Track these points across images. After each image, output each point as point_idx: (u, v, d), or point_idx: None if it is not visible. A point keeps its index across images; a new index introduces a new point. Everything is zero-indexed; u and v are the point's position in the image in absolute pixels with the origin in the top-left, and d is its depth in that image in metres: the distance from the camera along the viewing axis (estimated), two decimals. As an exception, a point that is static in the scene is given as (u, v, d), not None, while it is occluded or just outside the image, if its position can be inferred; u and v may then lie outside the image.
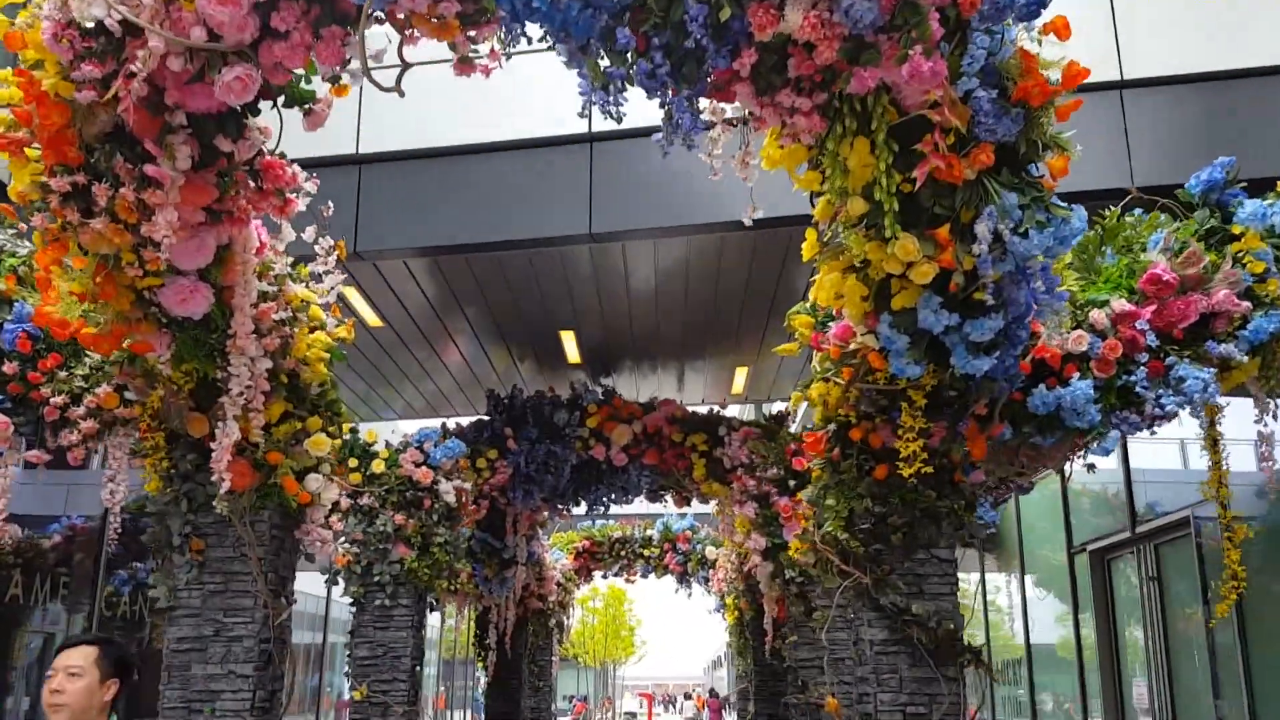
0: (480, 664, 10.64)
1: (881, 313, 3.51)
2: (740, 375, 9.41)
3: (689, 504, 9.45)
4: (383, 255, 6.41)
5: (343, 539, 6.22)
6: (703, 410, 8.43)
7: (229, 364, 3.69)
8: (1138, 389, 4.19)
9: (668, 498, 9.36)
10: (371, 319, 7.66)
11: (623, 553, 14.49)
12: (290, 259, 4.04)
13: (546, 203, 6.18)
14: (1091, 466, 4.90)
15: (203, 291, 3.63)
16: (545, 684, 13.12)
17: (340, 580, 6.69)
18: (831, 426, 4.28)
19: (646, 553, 14.45)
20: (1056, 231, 3.37)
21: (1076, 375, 4.13)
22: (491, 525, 9.62)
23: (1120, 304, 4.23)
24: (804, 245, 3.66)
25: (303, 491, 4.15)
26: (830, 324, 4.12)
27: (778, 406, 9.93)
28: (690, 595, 15.36)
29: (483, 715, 10.81)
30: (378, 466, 6.77)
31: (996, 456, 4.42)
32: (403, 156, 6.43)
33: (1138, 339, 4.21)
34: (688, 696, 43.55)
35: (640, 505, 19.09)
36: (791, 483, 6.82)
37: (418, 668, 6.70)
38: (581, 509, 9.43)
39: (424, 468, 6.83)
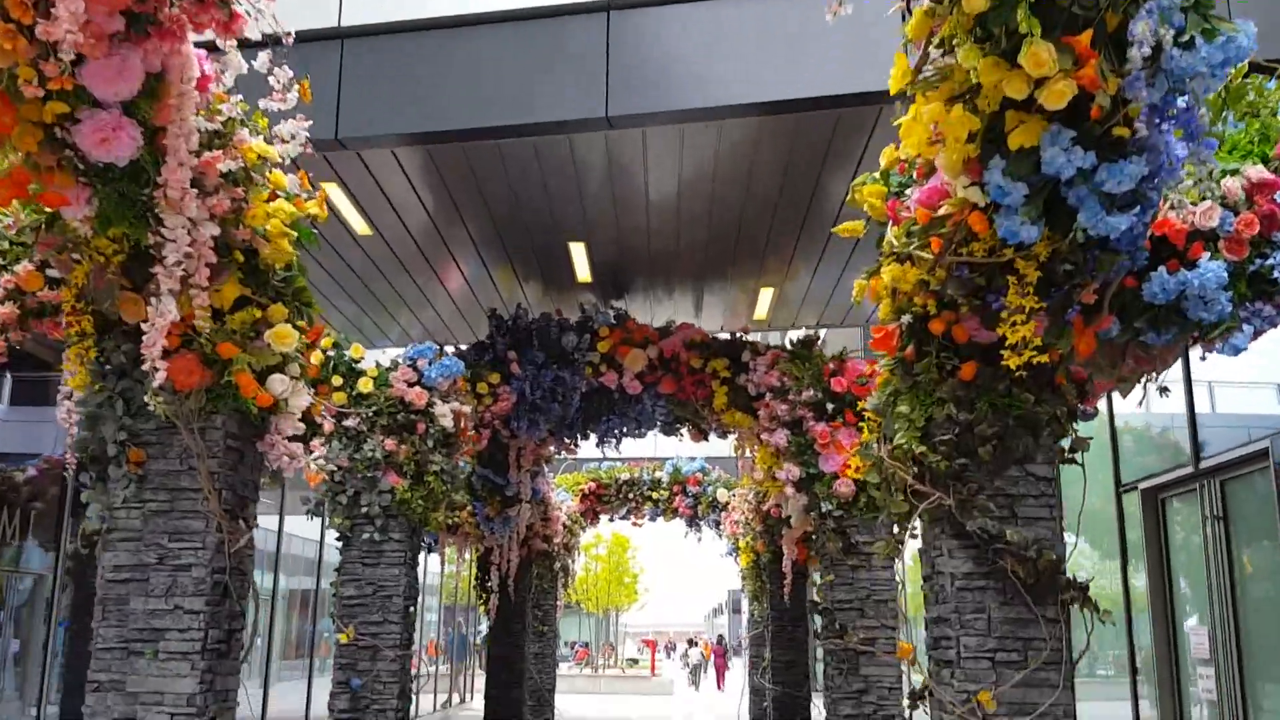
0: (482, 608, 10.04)
1: (991, 157, 2.75)
2: (765, 298, 8.64)
3: (706, 438, 8.74)
4: (369, 143, 5.61)
5: (316, 456, 5.53)
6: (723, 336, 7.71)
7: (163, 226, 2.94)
8: (1275, 274, 3.43)
9: (684, 431, 8.65)
10: (361, 227, 6.87)
11: (630, 495, 13.87)
12: (241, 101, 3.25)
13: (556, 82, 5.36)
14: (1165, 390, 4.15)
15: (127, 130, 2.86)
16: (549, 629, 12.56)
17: (323, 512, 6.01)
18: (905, 319, 3.53)
19: (655, 495, 13.84)
20: (1225, 46, 2.60)
21: (1206, 256, 3.37)
22: (493, 460, 8.94)
23: (1257, 171, 3.45)
24: (891, 75, 2.88)
25: (263, 393, 3.41)
26: (909, 190, 3.35)
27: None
28: (700, 539, 14.78)
29: (484, 659, 10.26)
30: (365, 385, 6.05)
31: (1096, 359, 3.68)
32: (392, 30, 5.61)
33: (1278, 214, 3.45)
34: (692, 644, 43.40)
35: (649, 445, 18.45)
36: (829, 406, 6.10)
37: (411, 608, 6.05)
38: (591, 443, 8.74)
39: (417, 388, 6.11)
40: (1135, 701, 7.07)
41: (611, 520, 14.64)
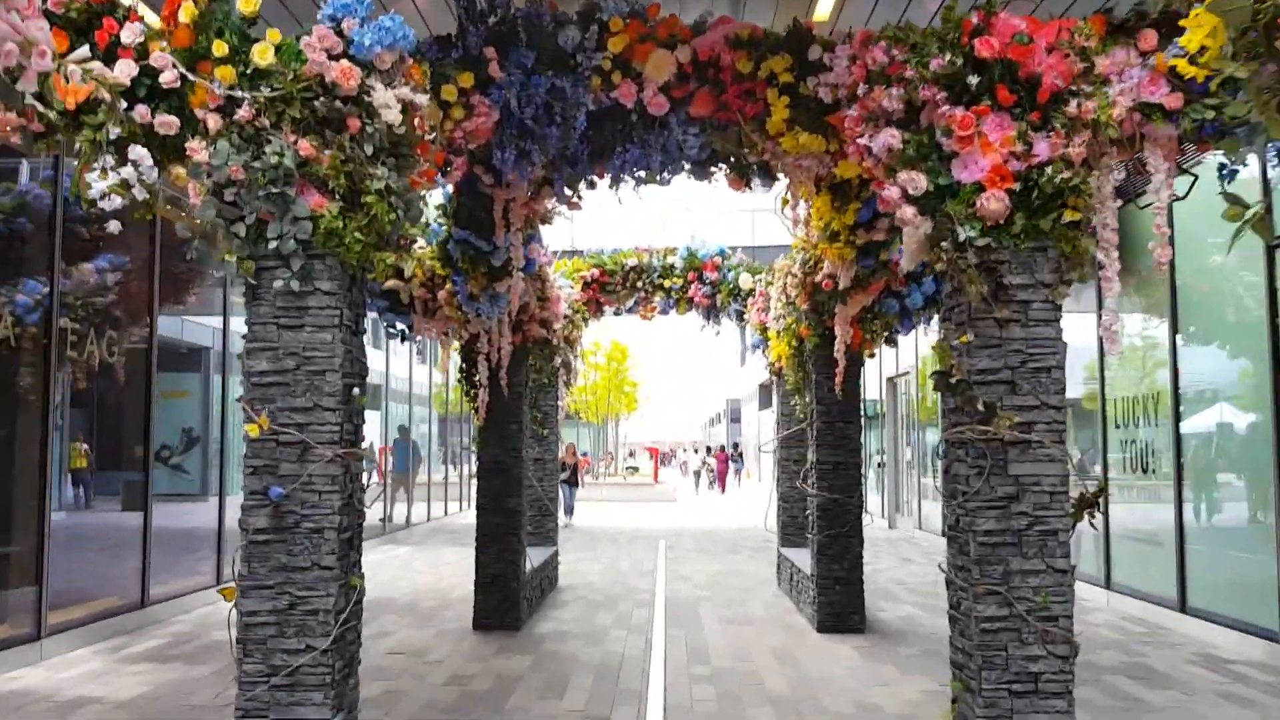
0: (470, 405, 8.31)
1: None
2: (832, -14, 6.37)
3: (748, 184, 6.69)
4: None
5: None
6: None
7: None
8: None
9: (719, 173, 6.59)
10: None
11: (639, 284, 11.96)
12: None
13: None
14: None
15: None
16: (550, 432, 10.96)
17: (204, 254, 4.05)
18: None
19: (667, 284, 11.93)
20: None
21: None
22: (474, 219, 6.94)
23: None
24: None
25: None
26: None
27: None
28: (719, 332, 13.01)
29: (473, 464, 8.63)
30: (262, 56, 3.93)
31: None
32: None
33: None
34: (722, 450, 43.04)
35: (657, 230, 16.20)
36: (974, 80, 4.03)
37: (356, 390, 4.19)
38: (600, 189, 6.70)
39: (343, 63, 4.00)
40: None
41: (618, 313, 12.79)
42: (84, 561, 7.90)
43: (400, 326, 8.59)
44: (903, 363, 18.16)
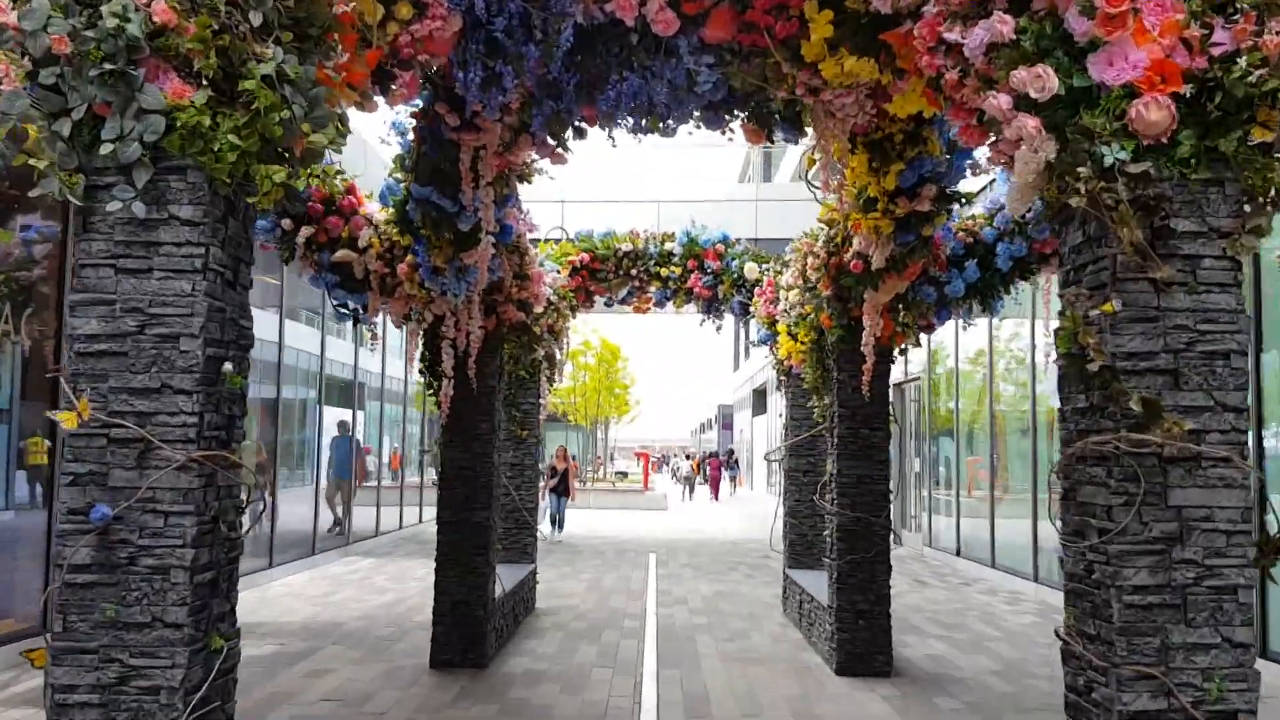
0: (430, 396, 7.07)
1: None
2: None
3: (769, 137, 5.47)
4: None
5: None
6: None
7: None
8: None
9: (735, 121, 5.38)
10: None
11: (633, 271, 10.74)
12: None
13: None
14: None
15: None
16: (531, 434, 9.70)
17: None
18: None
19: (664, 273, 10.72)
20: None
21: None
22: (437, 173, 5.73)
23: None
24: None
25: None
26: None
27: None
28: (719, 327, 11.80)
29: (436, 471, 7.38)
30: None
31: None
32: None
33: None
34: (713, 456, 41.76)
35: (651, 214, 14.97)
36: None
37: (227, 366, 2.94)
38: (589, 138, 5.48)
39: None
40: None
41: (609, 304, 11.55)
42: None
43: (353, 306, 7.35)
44: (911, 367, 16.97)
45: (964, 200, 6.08)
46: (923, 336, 8.21)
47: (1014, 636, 8.66)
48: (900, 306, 7.03)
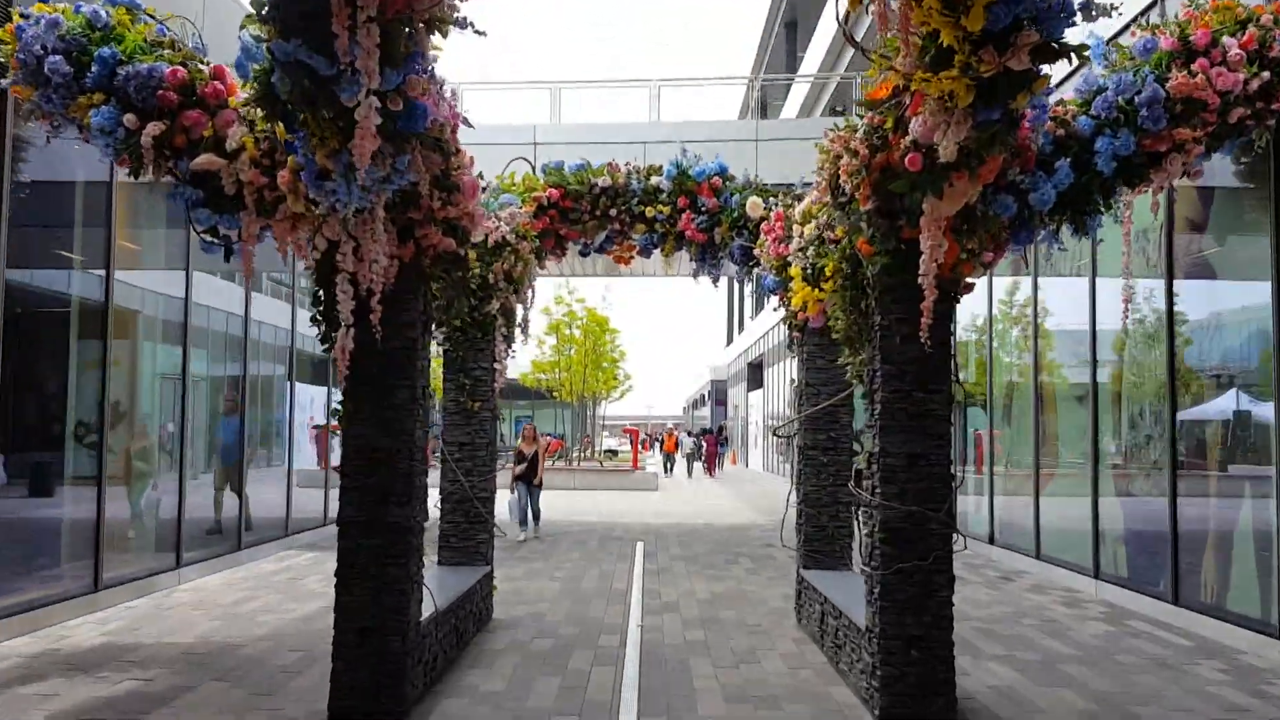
0: (328, 356, 5.18)
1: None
2: None
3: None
4: None
5: None
6: None
7: None
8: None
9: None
10: None
11: (613, 211, 8.86)
12: None
13: None
14: None
15: None
16: (484, 406, 7.80)
17: None
18: None
19: (650, 213, 8.85)
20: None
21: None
22: (306, 19, 3.89)
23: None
24: None
25: None
26: None
27: None
28: (717, 280, 9.92)
29: (336, 452, 5.44)
30: None
31: None
32: None
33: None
34: (707, 433, 39.90)
35: (643, 111, 12.85)
36: None
37: None
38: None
39: None
40: None
41: (585, 253, 9.68)
42: None
43: (224, 233, 5.45)
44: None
45: (1076, 55, 4.18)
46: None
47: (1092, 654, 6.86)
48: (965, 227, 5.17)
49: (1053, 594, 9.39)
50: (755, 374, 41.69)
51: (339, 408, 5.21)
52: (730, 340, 52.61)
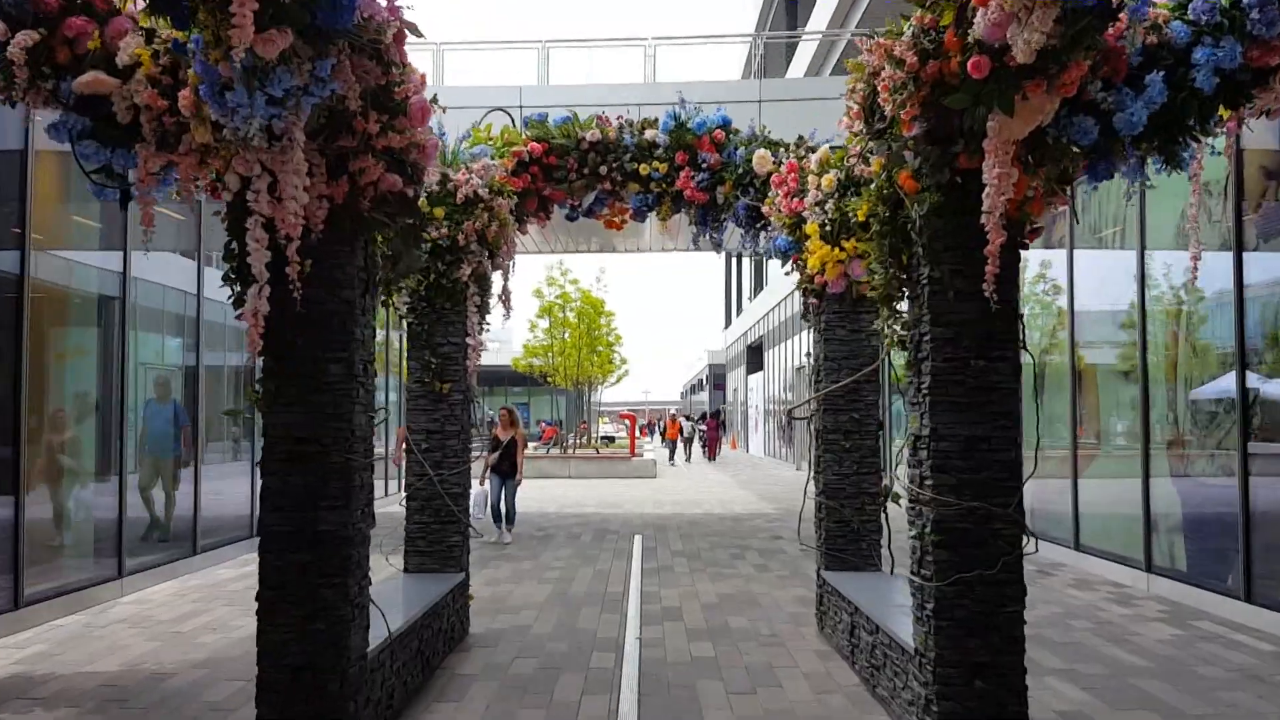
0: (240, 322, 4.14)
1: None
2: None
3: None
4: None
5: None
6: None
7: None
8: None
9: None
10: None
11: (602, 169, 7.86)
12: None
13: None
14: None
15: None
16: (455, 388, 6.76)
17: None
18: None
19: (644, 170, 7.85)
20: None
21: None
22: None
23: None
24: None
25: None
26: None
27: None
28: (721, 245, 8.92)
29: (253, 450, 4.37)
30: None
31: None
32: None
33: None
34: (703, 417, 38.88)
35: (636, 62, 11.76)
36: None
37: None
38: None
39: None
40: None
41: (573, 217, 8.71)
42: None
43: (118, 172, 4.40)
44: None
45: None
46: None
47: (1166, 666, 5.87)
48: (1033, 157, 4.14)
49: (1100, 590, 8.40)
50: (755, 357, 40.67)
51: (258, 389, 4.17)
52: (729, 323, 51.58)
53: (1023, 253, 4.44)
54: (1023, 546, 4.25)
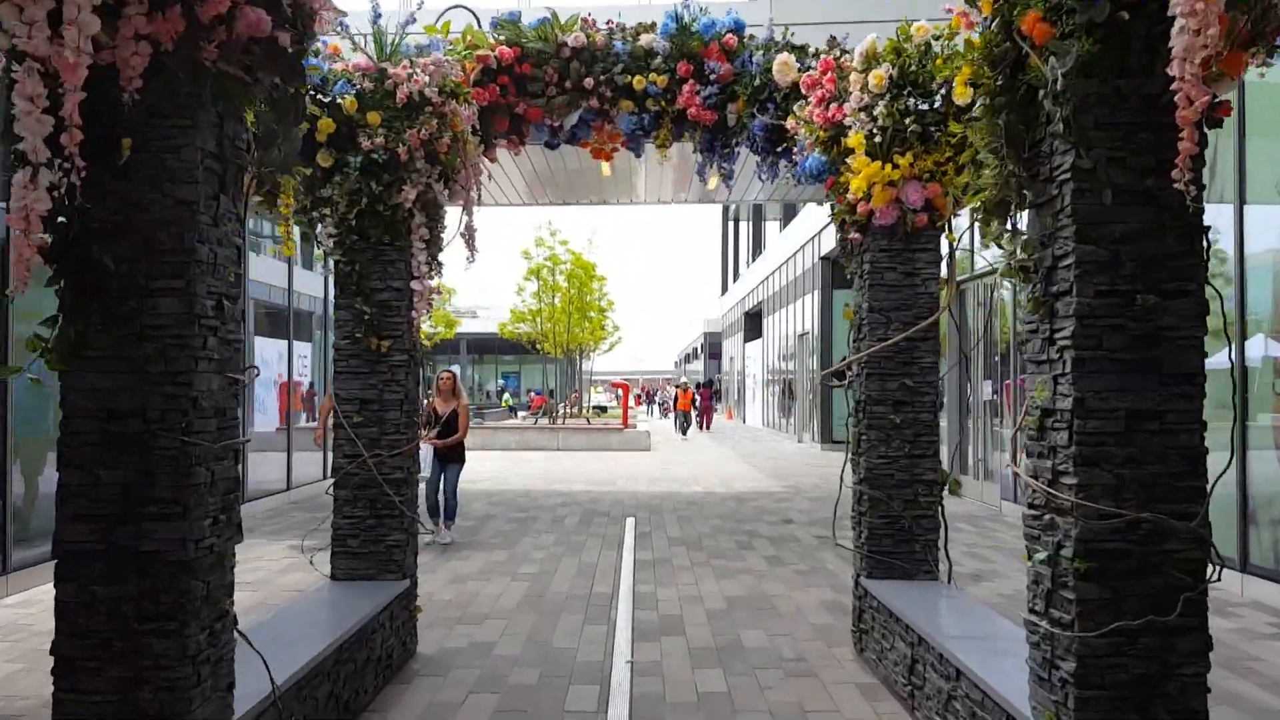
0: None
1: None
2: None
3: None
4: None
5: None
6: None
7: None
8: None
9: None
10: None
11: (588, 81, 6.35)
12: None
13: None
14: None
15: None
16: (396, 345, 5.29)
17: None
18: None
19: (639, 84, 6.37)
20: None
21: None
22: None
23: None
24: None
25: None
26: None
27: None
28: (730, 177, 7.43)
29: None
30: None
31: None
32: None
33: None
34: (698, 387, 37.36)
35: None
36: None
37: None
38: None
39: None
40: None
41: (553, 144, 7.18)
42: None
43: None
44: (979, 264, 12.63)
45: None
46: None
47: (1320, 713, 4.50)
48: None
49: (1182, 593, 7.03)
50: (753, 324, 39.22)
51: (45, 337, 2.70)
52: (725, 289, 50.07)
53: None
54: (1209, 577, 2.84)
